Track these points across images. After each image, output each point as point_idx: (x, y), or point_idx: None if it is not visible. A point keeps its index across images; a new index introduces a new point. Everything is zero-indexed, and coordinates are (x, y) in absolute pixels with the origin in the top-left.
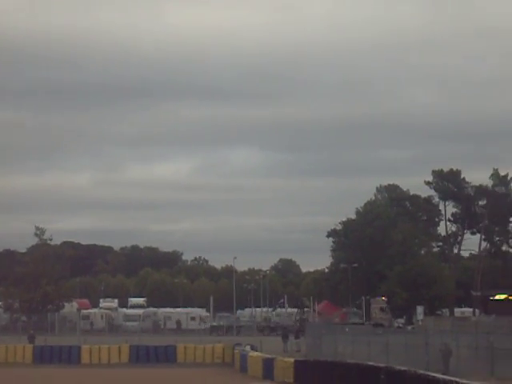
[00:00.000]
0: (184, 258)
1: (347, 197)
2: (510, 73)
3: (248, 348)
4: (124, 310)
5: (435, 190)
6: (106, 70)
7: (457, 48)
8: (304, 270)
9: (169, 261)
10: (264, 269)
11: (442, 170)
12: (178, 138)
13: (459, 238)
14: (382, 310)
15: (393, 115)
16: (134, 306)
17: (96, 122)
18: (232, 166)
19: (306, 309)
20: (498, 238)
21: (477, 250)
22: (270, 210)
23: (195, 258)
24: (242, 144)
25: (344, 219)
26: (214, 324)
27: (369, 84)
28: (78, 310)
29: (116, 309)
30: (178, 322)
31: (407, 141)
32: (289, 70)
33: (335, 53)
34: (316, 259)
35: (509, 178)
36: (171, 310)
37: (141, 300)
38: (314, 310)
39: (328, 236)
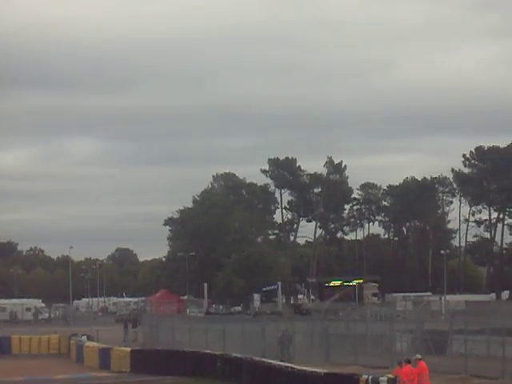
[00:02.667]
0: (19, 248)
1: (185, 185)
2: (348, 65)
3: (84, 338)
4: None
5: (271, 178)
6: None
7: (296, 39)
8: (141, 259)
9: (3, 251)
10: (101, 258)
11: (277, 158)
12: (18, 126)
13: (295, 225)
14: (374, 295)
15: (230, 104)
16: None
17: None
18: (70, 155)
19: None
20: (332, 225)
21: (312, 237)
22: (107, 200)
23: (31, 249)
24: (82, 133)
25: (181, 208)
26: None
27: (208, 73)
28: None
29: None
30: (13, 313)
31: (244, 129)
32: (131, 60)
33: (179, 42)
34: (153, 248)
35: (343, 165)
36: (5, 301)
37: None
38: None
39: (165, 224)
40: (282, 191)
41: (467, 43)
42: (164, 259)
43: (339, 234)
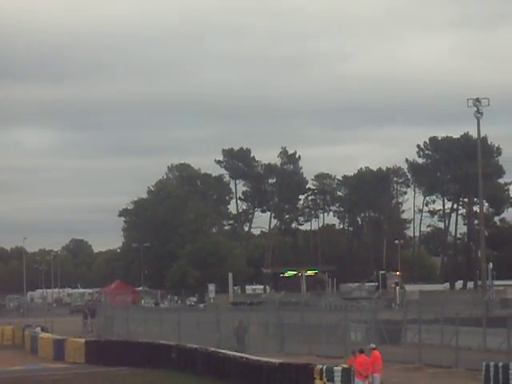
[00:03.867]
0: None
1: (140, 176)
2: (305, 55)
3: (38, 329)
4: None
5: (226, 169)
6: None
7: (252, 28)
8: (96, 250)
9: None
10: (55, 249)
11: (232, 149)
12: None
13: (250, 215)
14: (396, 284)
15: (184, 95)
16: None
17: None
18: (24, 146)
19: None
20: (287, 216)
21: (267, 228)
22: (61, 191)
23: None
24: (35, 124)
25: (135, 199)
26: None
27: (161, 64)
28: None
29: None
30: None
31: (199, 120)
32: (85, 51)
33: (131, 35)
34: (108, 239)
35: (297, 156)
36: None
37: None
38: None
39: (120, 215)
40: (237, 182)
41: (425, 34)
42: (119, 250)
43: (294, 225)
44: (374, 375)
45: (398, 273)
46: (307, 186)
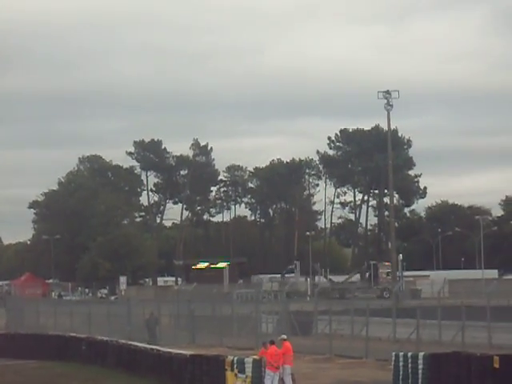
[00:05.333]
0: None
1: (52, 168)
2: (218, 48)
3: None
4: None
5: (137, 161)
6: None
7: (165, 21)
8: (6, 242)
9: None
10: None
11: (143, 140)
12: None
13: (161, 207)
14: (388, 274)
15: (96, 86)
16: None
17: None
18: None
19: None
20: (199, 208)
21: (179, 220)
22: None
23: None
24: None
25: (46, 190)
26: None
27: (72, 55)
28: None
29: None
30: None
31: (111, 112)
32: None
33: (44, 25)
34: (18, 231)
35: (209, 148)
36: None
37: None
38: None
39: (30, 207)
40: (148, 173)
41: (337, 28)
42: (29, 242)
43: (206, 217)
44: (285, 366)
45: (388, 263)
46: (219, 177)
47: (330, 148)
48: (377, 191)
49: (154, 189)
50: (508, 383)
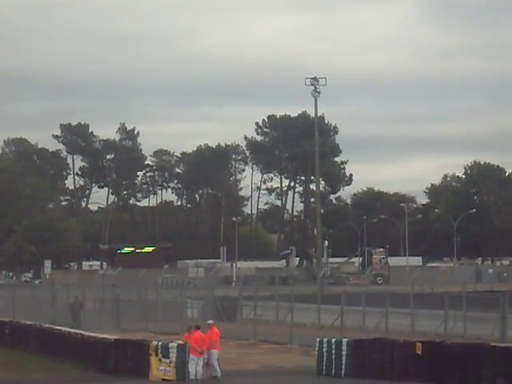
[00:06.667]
0: None
1: None
2: (147, 33)
3: None
4: None
5: (63, 144)
6: None
7: (94, 4)
8: None
9: None
10: None
11: (70, 124)
12: None
13: (87, 191)
14: (381, 260)
15: (22, 69)
16: None
17: None
18: None
19: None
20: (125, 192)
21: (105, 204)
22: None
23: None
24: None
25: None
26: None
27: (3, 39)
28: None
29: None
30: None
31: (37, 94)
32: None
33: None
34: None
35: (135, 132)
36: None
37: None
38: None
39: None
40: (75, 157)
41: (267, 16)
42: None
43: (132, 201)
44: (212, 351)
45: (382, 249)
46: (146, 162)
47: (258, 134)
48: (303, 178)
49: (79, 173)
50: (430, 369)
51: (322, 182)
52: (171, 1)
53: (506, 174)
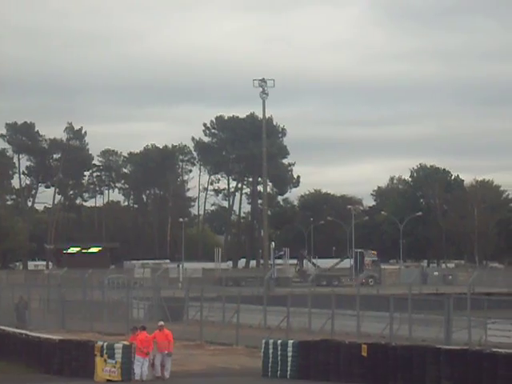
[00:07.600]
0: None
1: None
2: (89, 32)
3: None
4: None
5: (9, 143)
6: None
7: (46, 3)
8: None
9: None
10: None
11: (15, 123)
12: None
13: (33, 191)
14: (373, 262)
15: None
16: None
17: None
18: None
19: None
20: (72, 192)
21: (51, 203)
22: None
23: None
24: None
25: None
26: None
27: None
28: None
29: None
30: None
31: None
32: None
33: None
34: None
35: (83, 131)
36: None
37: None
38: None
39: None
40: (20, 156)
41: (219, 16)
42: None
43: (78, 201)
44: (167, 352)
45: (373, 251)
46: (93, 162)
47: (206, 135)
48: (251, 179)
49: (26, 172)
50: (375, 371)
51: (270, 184)
52: (121, 1)
53: (452, 177)
